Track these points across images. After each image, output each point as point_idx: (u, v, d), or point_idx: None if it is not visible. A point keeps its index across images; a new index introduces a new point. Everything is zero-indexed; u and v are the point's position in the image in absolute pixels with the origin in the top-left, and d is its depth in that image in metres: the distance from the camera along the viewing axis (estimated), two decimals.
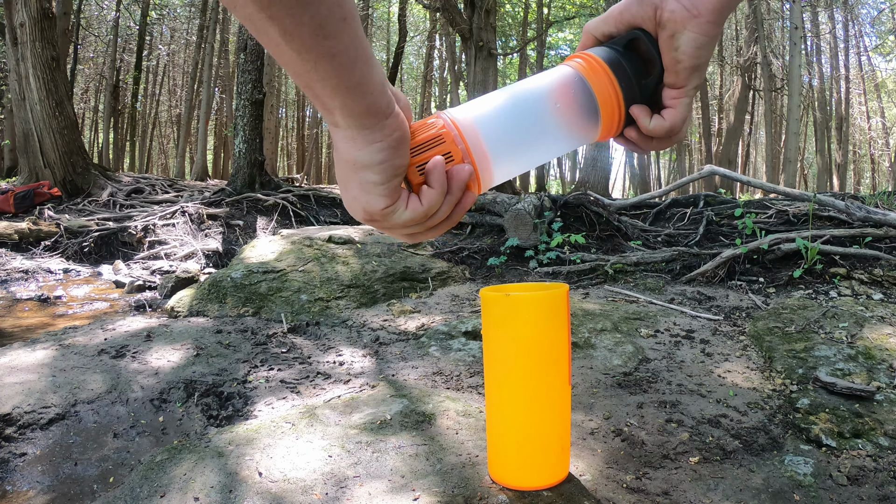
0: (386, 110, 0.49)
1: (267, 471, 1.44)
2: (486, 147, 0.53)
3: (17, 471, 1.74)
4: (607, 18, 0.62)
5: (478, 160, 0.53)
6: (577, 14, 16.61)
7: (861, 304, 2.76)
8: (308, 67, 0.44)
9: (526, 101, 0.57)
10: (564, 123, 0.58)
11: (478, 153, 0.53)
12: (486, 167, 0.54)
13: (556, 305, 1.39)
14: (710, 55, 0.58)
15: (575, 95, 0.57)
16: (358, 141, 0.49)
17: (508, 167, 0.56)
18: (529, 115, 0.56)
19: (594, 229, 4.63)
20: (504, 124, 0.55)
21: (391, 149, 0.50)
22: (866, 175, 28.41)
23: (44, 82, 8.03)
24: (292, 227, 6.37)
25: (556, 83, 0.58)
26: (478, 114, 0.54)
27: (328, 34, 0.43)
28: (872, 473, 1.50)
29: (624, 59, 0.59)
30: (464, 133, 0.52)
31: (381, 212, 0.52)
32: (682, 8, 0.56)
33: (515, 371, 1.40)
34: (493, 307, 1.40)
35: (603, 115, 0.58)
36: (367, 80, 0.46)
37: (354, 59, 0.45)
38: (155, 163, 30.10)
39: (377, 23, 26.05)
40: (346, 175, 0.53)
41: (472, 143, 0.52)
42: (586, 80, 0.58)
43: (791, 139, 11.55)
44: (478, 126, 0.53)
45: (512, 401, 1.41)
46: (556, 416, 1.41)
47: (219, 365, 2.44)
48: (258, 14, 0.41)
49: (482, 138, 0.53)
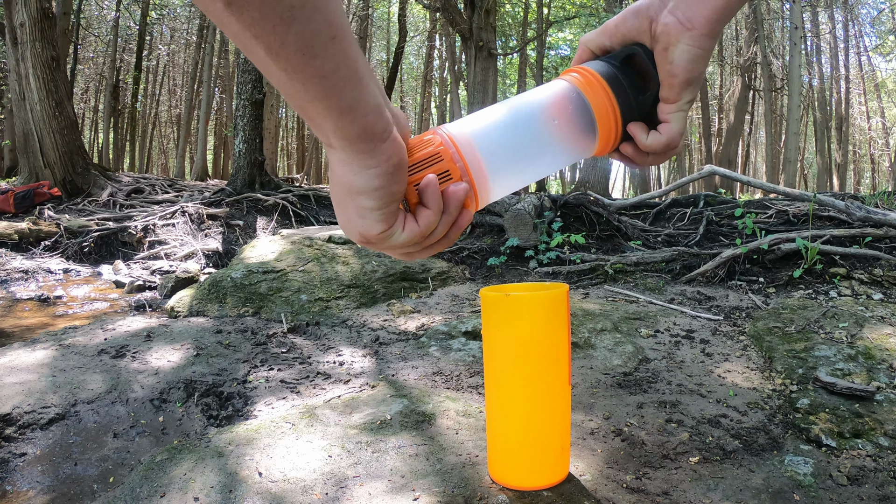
0: (382, 134, 0.47)
1: (267, 471, 1.44)
2: (483, 164, 0.53)
3: (17, 471, 1.74)
4: (603, 31, 0.62)
5: (475, 177, 0.52)
6: (577, 14, 16.60)
7: (861, 304, 2.76)
8: (297, 88, 0.43)
9: (523, 116, 0.56)
10: (562, 139, 0.57)
11: (475, 170, 0.52)
12: (484, 184, 0.53)
13: (556, 305, 1.39)
14: (704, 69, 0.58)
15: (573, 111, 0.57)
16: (353, 165, 0.48)
17: (506, 183, 0.56)
18: (527, 131, 0.56)
19: (594, 229, 4.63)
20: (502, 140, 0.54)
21: (388, 175, 0.48)
22: (866, 175, 28.41)
23: (44, 82, 8.04)
24: (292, 227, 6.37)
25: (553, 98, 0.57)
26: (475, 129, 0.53)
27: (315, 54, 0.41)
28: (872, 473, 1.50)
29: (621, 74, 0.58)
30: (461, 150, 0.52)
31: (377, 236, 0.51)
32: (677, 21, 0.56)
33: (515, 371, 1.40)
34: (493, 307, 1.40)
35: (600, 132, 0.58)
36: (361, 103, 0.45)
37: (346, 80, 0.43)
38: (155, 163, 30.11)
39: (377, 23, 26.04)
40: (341, 198, 0.51)
41: (470, 160, 0.52)
42: (584, 95, 0.57)
43: (791, 139, 11.55)
44: (475, 142, 0.53)
45: (512, 401, 1.41)
46: (556, 416, 1.41)
47: (219, 365, 2.44)
48: (243, 32, 0.40)
49: (480, 155, 0.53)
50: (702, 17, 0.55)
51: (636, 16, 0.59)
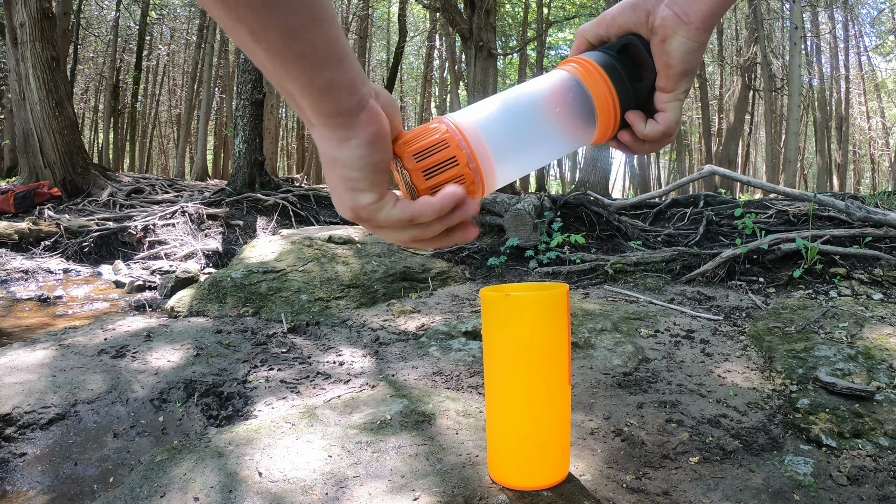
0: (356, 107, 0.48)
1: (267, 471, 1.44)
2: (489, 151, 0.54)
3: (17, 471, 1.74)
4: (600, 22, 0.63)
5: (482, 163, 0.53)
6: (578, 14, 16.61)
7: (861, 304, 2.76)
8: (278, 69, 0.44)
9: (526, 105, 0.57)
10: (563, 127, 0.59)
11: (482, 157, 0.53)
12: (490, 170, 0.54)
13: (556, 305, 1.39)
14: (699, 60, 0.60)
15: (573, 99, 0.58)
16: (332, 140, 0.50)
17: (510, 170, 0.57)
18: (530, 119, 0.57)
19: (594, 229, 4.63)
20: (505, 128, 0.55)
21: (367, 144, 0.49)
22: (866, 175, 28.41)
23: (44, 82, 8.04)
24: (292, 227, 6.37)
25: (554, 87, 0.59)
26: (479, 118, 0.54)
27: (296, 36, 0.43)
28: (872, 473, 1.50)
29: (619, 63, 0.60)
30: (468, 137, 0.52)
31: (366, 207, 0.52)
32: (674, 14, 0.58)
33: (515, 371, 1.40)
34: (493, 307, 1.40)
35: (600, 119, 0.60)
36: (337, 81, 0.46)
37: (325, 60, 0.45)
38: (155, 163, 30.10)
39: (377, 23, 26.04)
40: (329, 174, 0.53)
41: (476, 147, 0.53)
42: (583, 84, 0.59)
43: (791, 139, 11.55)
44: (480, 130, 0.53)
45: (512, 401, 1.41)
46: (557, 416, 1.41)
47: (219, 365, 2.44)
48: (226, 16, 0.41)
49: (485, 142, 0.53)
50: (699, 12, 0.57)
51: (633, 9, 0.60)
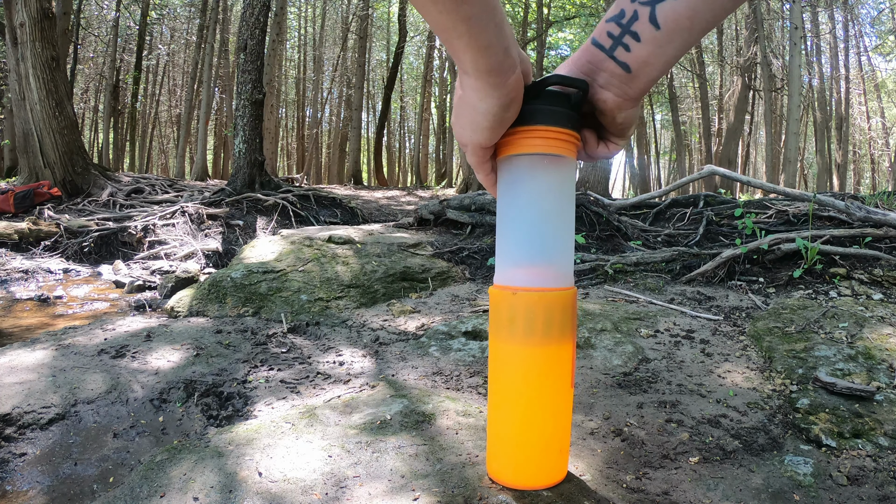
0: (508, 72, 0.61)
1: (267, 471, 1.44)
2: None
3: (16, 471, 1.74)
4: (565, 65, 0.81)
5: None
6: (577, 14, 16.60)
7: (861, 304, 2.76)
8: (448, 26, 0.56)
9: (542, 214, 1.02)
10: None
11: None
12: None
13: (564, 305, 1.38)
14: (638, 115, 0.78)
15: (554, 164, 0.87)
16: (481, 92, 0.63)
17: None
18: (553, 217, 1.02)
19: (594, 229, 4.63)
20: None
21: (505, 105, 0.64)
22: (866, 175, 28.40)
23: (44, 82, 8.03)
24: (292, 227, 6.36)
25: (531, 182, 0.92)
26: None
27: (465, 0, 0.54)
28: (872, 473, 1.50)
29: (547, 104, 0.81)
30: None
31: (482, 148, 0.73)
32: (614, 97, 0.72)
33: (520, 370, 1.39)
34: (500, 304, 1.40)
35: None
36: (495, 43, 0.58)
37: (486, 24, 0.56)
38: (155, 163, 30.09)
39: (377, 23, 26.03)
40: (462, 112, 0.68)
41: None
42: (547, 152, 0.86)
43: (791, 139, 11.55)
44: None
45: (515, 400, 1.41)
46: (559, 417, 1.41)
47: (219, 365, 2.44)
48: None
49: None
50: (635, 94, 0.71)
51: (580, 72, 0.75)
